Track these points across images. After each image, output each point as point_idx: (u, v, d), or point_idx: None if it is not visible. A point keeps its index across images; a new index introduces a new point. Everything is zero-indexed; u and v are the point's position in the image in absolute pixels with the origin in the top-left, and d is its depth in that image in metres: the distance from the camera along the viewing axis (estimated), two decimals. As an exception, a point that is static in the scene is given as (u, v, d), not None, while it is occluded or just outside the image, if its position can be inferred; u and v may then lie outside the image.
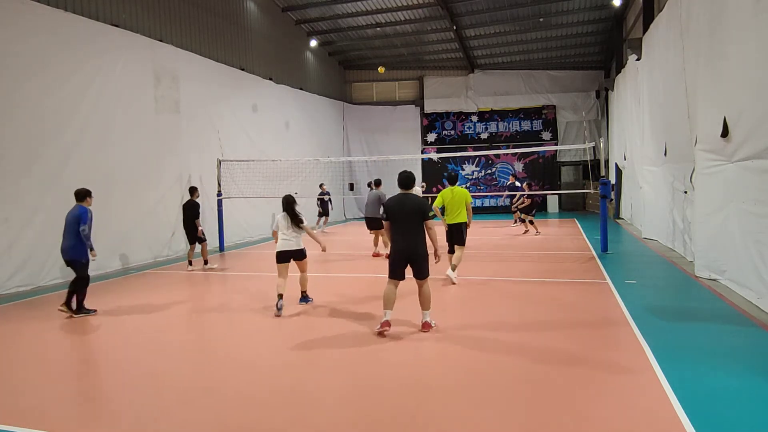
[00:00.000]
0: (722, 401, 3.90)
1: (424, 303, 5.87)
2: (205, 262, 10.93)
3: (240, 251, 13.89)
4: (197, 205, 10.83)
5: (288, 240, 7.11)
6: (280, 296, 6.92)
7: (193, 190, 11.02)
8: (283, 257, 7.14)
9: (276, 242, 7.23)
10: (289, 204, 7.17)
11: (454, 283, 8.46)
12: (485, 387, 4.31)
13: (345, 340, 5.68)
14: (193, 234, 10.69)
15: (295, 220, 7.07)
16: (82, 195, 7.36)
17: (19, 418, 4.01)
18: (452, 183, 8.95)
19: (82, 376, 5.08)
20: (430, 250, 5.88)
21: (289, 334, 6.06)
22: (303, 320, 6.60)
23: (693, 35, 8.65)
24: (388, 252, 6.42)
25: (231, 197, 14.36)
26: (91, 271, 10.30)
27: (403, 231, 5.76)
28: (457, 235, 8.61)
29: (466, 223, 8.59)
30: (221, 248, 13.85)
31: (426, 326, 5.81)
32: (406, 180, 5.97)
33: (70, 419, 4.02)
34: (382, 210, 6.02)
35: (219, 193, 13.88)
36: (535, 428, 3.60)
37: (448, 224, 8.72)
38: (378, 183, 12.48)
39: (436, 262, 5.95)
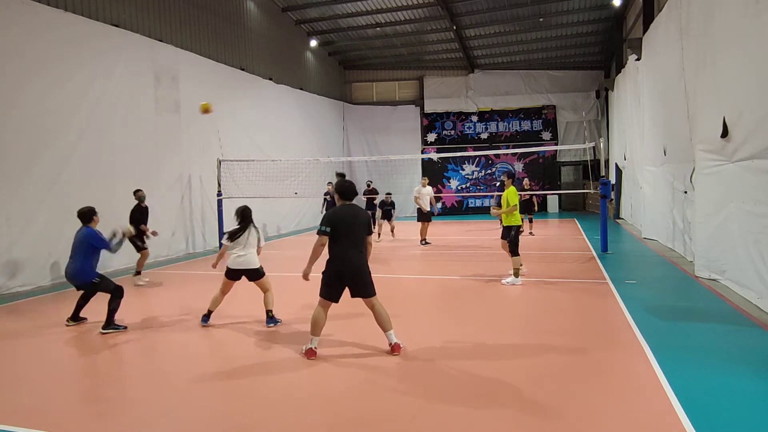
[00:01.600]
0: (722, 401, 3.90)
1: (385, 323, 5.17)
2: (137, 273, 9.60)
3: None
4: (143, 210, 9.55)
5: (241, 256, 6.36)
6: (210, 312, 6.48)
7: (141, 197, 9.54)
8: (234, 275, 6.40)
9: (220, 254, 6.63)
10: (248, 216, 6.54)
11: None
12: (483, 386, 4.32)
13: (331, 347, 5.68)
14: (135, 242, 9.49)
15: (248, 237, 6.36)
16: (89, 216, 6.56)
17: (20, 418, 4.02)
18: (514, 180, 8.76)
19: (82, 376, 5.08)
20: None
21: (284, 335, 6.06)
22: (297, 321, 6.60)
23: (693, 35, 8.66)
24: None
25: (231, 197, 14.35)
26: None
27: (350, 247, 5.06)
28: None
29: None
30: (220, 248, 13.81)
31: (396, 348, 5.13)
32: (350, 190, 5.25)
33: (70, 419, 4.03)
34: (324, 222, 5.10)
35: (219, 193, 13.88)
36: (534, 428, 3.60)
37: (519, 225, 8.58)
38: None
39: None
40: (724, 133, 7.20)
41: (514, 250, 8.45)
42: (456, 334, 5.85)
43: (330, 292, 5.13)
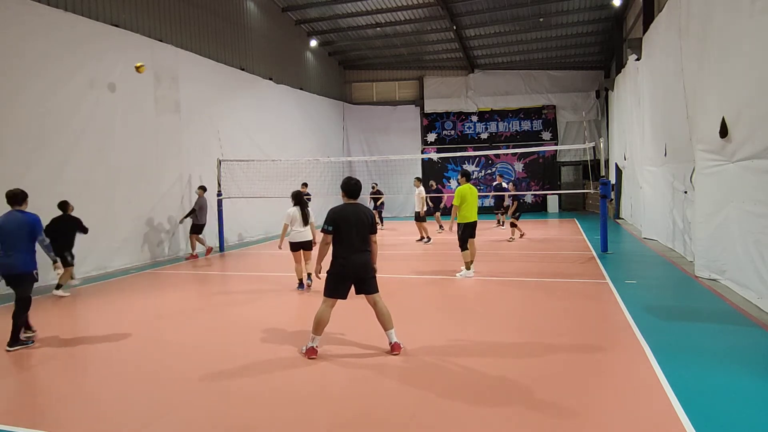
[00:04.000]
0: (722, 401, 3.90)
1: (386, 322, 5.19)
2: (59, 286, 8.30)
3: (240, 251, 13.89)
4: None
5: (299, 232, 8.27)
6: (300, 280, 8.45)
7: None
8: (295, 247, 8.34)
9: (283, 233, 8.44)
10: (301, 200, 8.29)
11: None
12: (483, 385, 4.32)
13: (337, 343, 5.69)
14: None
15: (305, 217, 8.24)
16: (22, 198, 5.97)
17: (20, 417, 4.02)
18: (469, 179, 9.30)
19: (83, 376, 5.08)
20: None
21: (285, 334, 6.06)
22: (298, 320, 6.61)
23: (692, 35, 8.66)
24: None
25: (231, 197, 14.37)
26: (92, 271, 10.43)
27: (354, 245, 5.07)
28: (473, 231, 9.15)
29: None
30: (221, 248, 13.85)
31: (396, 347, 5.14)
32: (355, 188, 5.26)
33: (70, 419, 4.03)
34: (327, 221, 5.15)
35: (219, 193, 13.88)
36: (534, 426, 3.60)
37: (466, 222, 9.00)
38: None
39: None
40: (724, 133, 7.20)
41: (461, 246, 9.10)
42: (456, 333, 5.86)
43: (335, 291, 5.15)
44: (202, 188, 12.57)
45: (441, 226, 16.56)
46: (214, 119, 14.47)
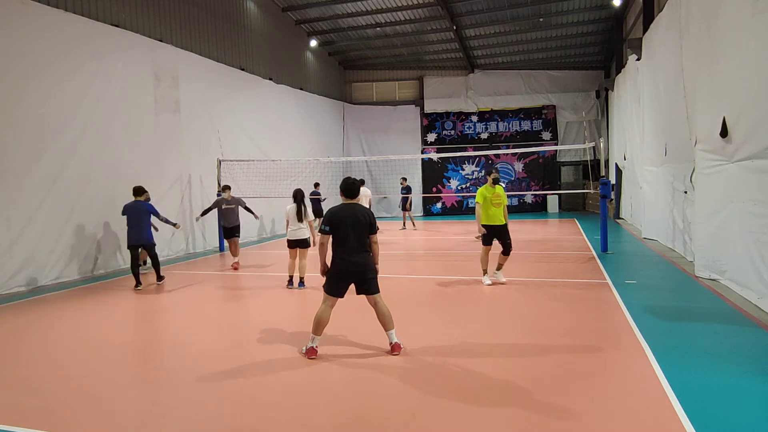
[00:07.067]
0: (722, 401, 3.90)
1: (387, 322, 5.19)
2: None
3: (240, 251, 13.86)
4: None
5: (295, 230, 8.40)
6: (290, 277, 8.56)
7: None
8: (291, 244, 8.50)
9: (287, 229, 8.58)
10: (299, 198, 8.36)
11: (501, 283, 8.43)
12: (483, 385, 4.33)
13: (333, 343, 5.69)
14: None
15: (300, 214, 8.32)
16: (142, 192, 8.99)
17: (21, 417, 4.02)
18: (492, 178, 8.41)
19: (82, 376, 5.08)
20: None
21: (285, 334, 6.06)
22: (298, 320, 6.61)
23: (692, 35, 8.66)
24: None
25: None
26: (93, 271, 10.45)
27: (353, 246, 5.07)
28: (496, 234, 8.47)
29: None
30: (221, 248, 13.84)
31: (396, 348, 5.14)
32: (353, 188, 5.26)
33: (70, 419, 4.02)
34: (324, 221, 5.16)
35: (219, 194, 13.87)
36: (533, 427, 3.60)
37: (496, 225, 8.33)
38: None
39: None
40: (724, 133, 7.20)
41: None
42: (456, 333, 5.85)
43: (335, 289, 5.16)
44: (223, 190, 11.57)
45: (404, 225, 18.24)
46: (214, 119, 14.47)
